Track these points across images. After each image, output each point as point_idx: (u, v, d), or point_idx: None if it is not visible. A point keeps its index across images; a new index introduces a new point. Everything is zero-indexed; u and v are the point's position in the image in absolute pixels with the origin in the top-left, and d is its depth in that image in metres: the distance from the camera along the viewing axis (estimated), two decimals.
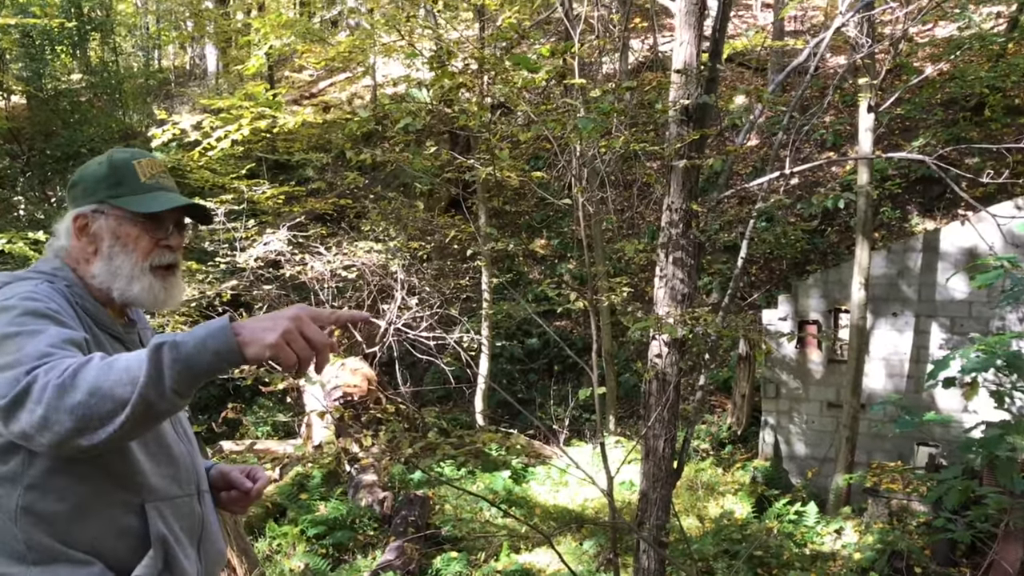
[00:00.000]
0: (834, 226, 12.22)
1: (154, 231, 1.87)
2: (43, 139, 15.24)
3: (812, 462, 9.47)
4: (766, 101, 4.42)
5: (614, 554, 4.48)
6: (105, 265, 1.83)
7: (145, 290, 1.84)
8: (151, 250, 1.86)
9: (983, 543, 6.36)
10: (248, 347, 1.45)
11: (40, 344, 1.52)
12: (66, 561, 1.65)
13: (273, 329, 1.46)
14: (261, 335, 1.45)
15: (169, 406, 1.45)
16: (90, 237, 1.85)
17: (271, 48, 10.99)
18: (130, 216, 1.84)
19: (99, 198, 1.85)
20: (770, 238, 11.91)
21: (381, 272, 10.35)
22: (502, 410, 11.93)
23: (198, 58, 24.47)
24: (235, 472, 2.09)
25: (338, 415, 8.50)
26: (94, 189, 1.86)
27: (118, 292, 1.83)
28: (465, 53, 5.09)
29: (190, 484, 1.88)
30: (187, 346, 1.43)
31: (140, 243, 1.85)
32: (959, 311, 8.77)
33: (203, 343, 1.44)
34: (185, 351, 1.43)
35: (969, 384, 3.84)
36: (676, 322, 4.34)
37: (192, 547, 1.87)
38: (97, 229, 1.84)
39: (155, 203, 1.85)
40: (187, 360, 1.43)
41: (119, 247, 1.84)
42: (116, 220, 1.84)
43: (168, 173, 1.96)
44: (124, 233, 1.84)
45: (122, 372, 1.42)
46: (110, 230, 1.84)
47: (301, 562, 6.93)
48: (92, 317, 1.80)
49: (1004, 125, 12.04)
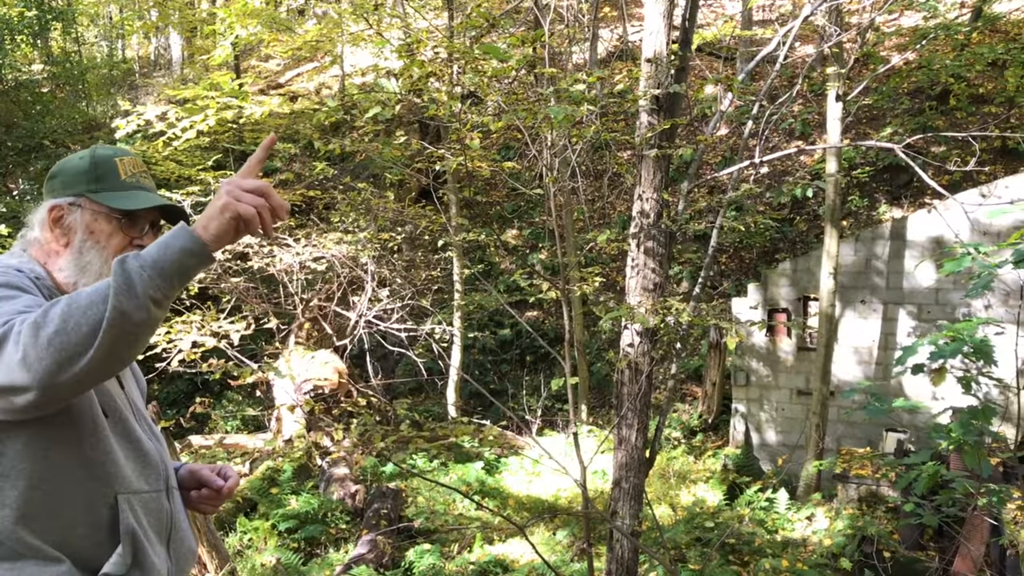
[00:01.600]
0: (803, 215, 12.30)
1: (128, 229, 1.85)
2: (4, 131, 14.94)
3: (782, 449, 9.55)
4: (736, 90, 4.42)
5: (587, 544, 4.48)
6: (75, 259, 1.81)
7: None
8: (123, 248, 1.83)
9: (950, 527, 6.45)
10: (208, 228, 1.51)
11: (16, 304, 1.55)
12: (34, 557, 1.62)
13: (218, 200, 1.52)
14: (212, 211, 1.51)
15: (146, 315, 1.46)
16: (63, 229, 1.82)
17: (237, 38, 10.84)
18: (106, 212, 1.82)
19: (77, 191, 1.83)
20: (740, 227, 11.93)
21: (351, 264, 10.27)
22: (474, 401, 11.92)
23: (163, 48, 24.14)
24: (205, 471, 2.07)
25: (308, 408, 8.44)
26: (73, 182, 1.84)
27: (84, 287, 1.79)
28: (434, 42, 5.04)
29: (159, 480, 1.86)
30: (150, 252, 1.47)
31: (113, 240, 1.82)
32: (926, 298, 8.87)
33: (165, 245, 1.48)
34: (150, 256, 1.46)
35: (937, 370, 3.87)
36: (648, 311, 4.34)
37: (161, 544, 1.85)
38: (71, 222, 1.82)
39: (133, 201, 1.83)
40: (154, 263, 1.46)
41: (91, 242, 1.81)
42: (92, 215, 1.82)
43: (149, 174, 1.95)
44: (98, 228, 1.82)
45: (91, 293, 1.45)
46: (84, 224, 1.82)
47: (273, 557, 6.88)
48: None
49: (969, 114, 12.18)
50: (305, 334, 10.37)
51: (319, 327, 10.45)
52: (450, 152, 5.30)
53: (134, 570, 1.72)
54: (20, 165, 15.15)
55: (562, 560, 6.92)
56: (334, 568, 6.63)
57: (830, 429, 8.96)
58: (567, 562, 6.88)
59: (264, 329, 9.78)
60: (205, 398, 8.88)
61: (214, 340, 7.83)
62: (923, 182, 11.23)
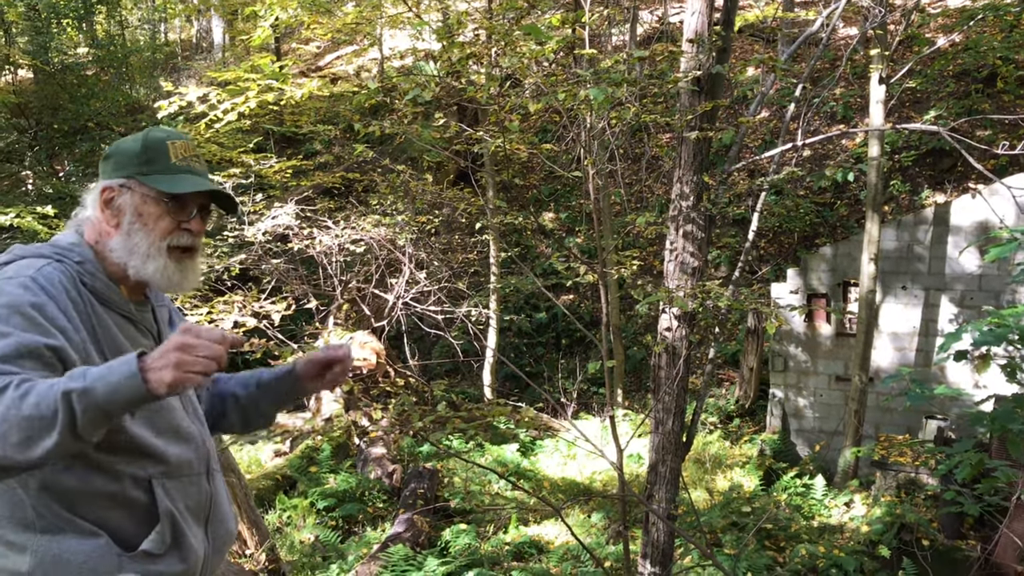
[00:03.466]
0: (844, 199, 12.15)
1: (176, 213, 1.87)
2: (50, 113, 15.17)
3: (820, 435, 9.48)
4: (779, 71, 4.37)
5: (624, 527, 4.50)
6: (123, 240, 1.83)
7: (159, 270, 1.83)
8: (171, 231, 1.86)
9: (992, 516, 6.37)
10: (163, 383, 1.46)
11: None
12: (73, 531, 1.67)
13: (165, 366, 1.47)
14: (160, 375, 1.46)
15: (85, 445, 1.49)
16: (114, 210, 1.85)
17: (277, 20, 10.90)
18: (155, 195, 1.85)
19: (128, 173, 1.86)
20: (780, 211, 11.85)
21: (389, 246, 10.32)
22: (510, 383, 11.96)
23: (204, 31, 24.35)
24: (318, 355, 2.03)
25: (347, 389, 8.53)
26: (125, 164, 1.86)
27: (133, 269, 1.83)
28: (473, 24, 5.04)
29: (200, 462, 1.89)
30: (96, 394, 1.44)
31: (160, 223, 1.85)
32: (969, 285, 8.73)
33: (113, 390, 1.45)
34: (94, 400, 1.44)
35: (981, 357, 3.82)
36: (686, 295, 4.32)
37: (199, 526, 1.89)
38: (121, 203, 1.85)
39: (181, 184, 1.85)
40: (96, 409, 1.45)
41: (139, 224, 1.84)
42: (141, 197, 1.85)
43: (201, 158, 1.95)
44: (146, 211, 1.84)
45: (32, 408, 1.43)
46: (133, 206, 1.84)
47: (311, 534, 6.98)
48: (100, 296, 1.78)
49: (1017, 96, 11.92)
50: (344, 315, 10.47)
51: (357, 308, 10.54)
52: (488, 135, 5.30)
53: (172, 550, 1.77)
54: (66, 147, 15.39)
55: (597, 543, 6.94)
56: (371, 546, 6.72)
57: (869, 416, 8.88)
58: (602, 544, 6.91)
59: (304, 310, 9.88)
60: None
61: (255, 320, 7.93)
62: (967, 167, 11.03)
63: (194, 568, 1.83)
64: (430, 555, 6.41)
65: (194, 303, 8.14)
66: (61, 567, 1.65)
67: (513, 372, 10.84)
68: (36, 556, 1.64)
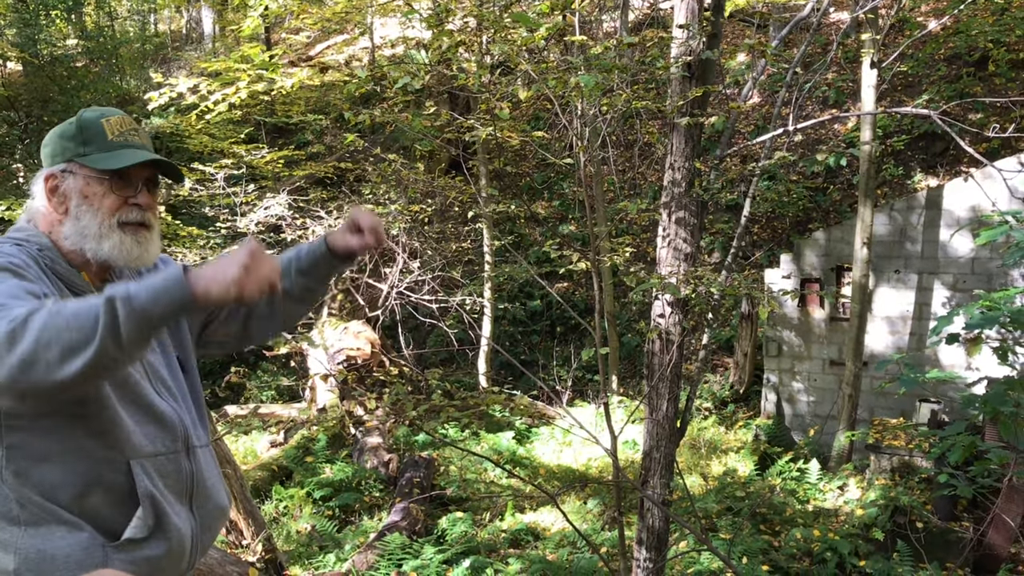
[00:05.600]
0: (836, 184, 12.15)
1: (122, 189, 1.84)
2: (40, 106, 15.09)
3: (814, 420, 9.51)
4: (769, 57, 4.36)
5: (619, 512, 4.51)
6: (73, 225, 1.81)
7: (116, 247, 1.81)
8: (118, 208, 1.83)
9: (985, 498, 6.41)
10: (209, 292, 1.48)
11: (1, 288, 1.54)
12: (56, 523, 1.66)
13: (231, 266, 1.49)
14: (221, 275, 1.48)
15: (124, 356, 1.47)
16: (59, 197, 1.83)
17: (267, 9, 10.85)
18: (97, 174, 1.82)
19: (67, 157, 1.84)
20: (773, 196, 11.85)
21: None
22: (505, 372, 11.97)
23: (194, 22, 24.19)
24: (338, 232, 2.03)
25: (342, 378, 8.53)
26: (63, 149, 1.85)
27: (91, 252, 1.81)
28: (463, 11, 5.02)
29: (176, 441, 1.86)
30: (141, 296, 1.45)
31: (106, 201, 1.82)
32: (962, 268, 8.75)
33: (158, 293, 1.46)
34: (139, 302, 1.44)
35: (972, 340, 3.83)
36: (679, 282, 4.33)
37: (182, 504, 1.86)
38: (66, 189, 1.83)
39: (119, 160, 1.82)
40: (143, 312, 1.45)
41: (86, 206, 1.81)
42: (84, 179, 1.82)
43: (140, 131, 1.92)
44: (91, 192, 1.82)
45: (72, 317, 1.43)
46: (78, 189, 1.82)
47: (308, 524, 6.99)
48: (64, 280, 1.77)
49: (1008, 79, 11.92)
50: (338, 305, 10.47)
51: (352, 298, 10.54)
52: (480, 123, 5.29)
53: (156, 532, 1.75)
54: None
55: (593, 529, 6.97)
56: (368, 535, 6.73)
57: (862, 400, 8.91)
58: (598, 531, 6.93)
59: None
60: (240, 368, 9.02)
61: None
62: (959, 150, 11.04)
63: (181, 547, 1.82)
64: (427, 543, 6.43)
65: None
66: (46, 563, 1.64)
67: (508, 360, 10.85)
68: (21, 554, 1.64)
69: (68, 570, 1.65)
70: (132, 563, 1.71)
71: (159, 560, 1.77)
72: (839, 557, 6.43)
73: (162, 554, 1.77)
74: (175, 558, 1.81)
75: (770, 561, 6.32)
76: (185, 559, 1.85)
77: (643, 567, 4.52)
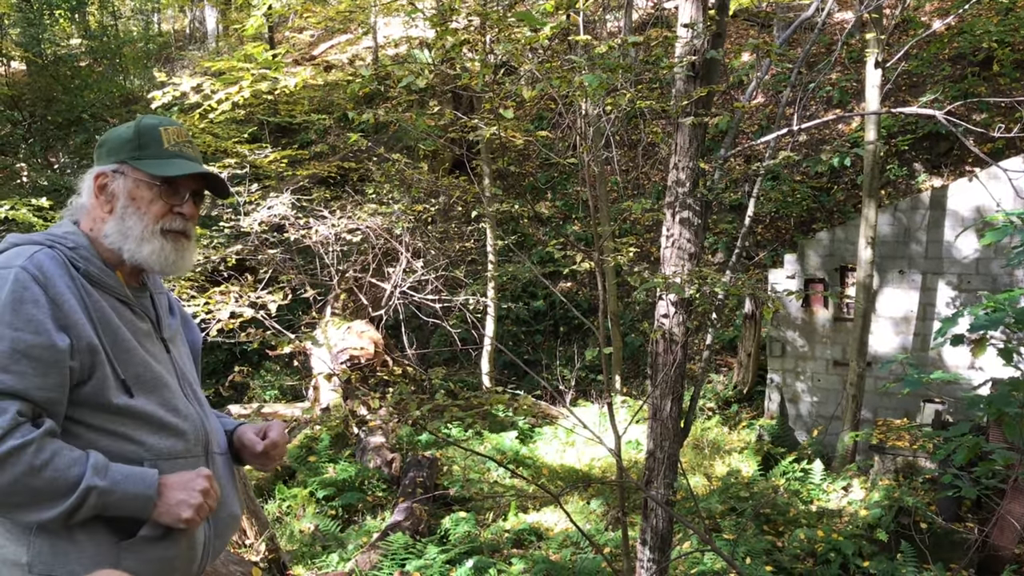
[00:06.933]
0: (840, 184, 12.14)
1: (169, 197, 1.89)
2: (44, 105, 15.12)
3: (818, 420, 9.50)
4: (773, 56, 4.35)
5: (622, 513, 4.51)
6: (117, 225, 1.84)
7: (155, 252, 1.85)
8: (163, 215, 1.87)
9: (989, 499, 6.39)
10: (160, 517, 1.72)
11: None
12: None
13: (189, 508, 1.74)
14: (177, 512, 1.73)
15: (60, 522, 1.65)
16: (107, 196, 1.87)
17: (270, 8, 10.85)
18: (147, 179, 1.86)
19: (121, 158, 1.88)
20: (777, 196, 11.84)
21: (386, 235, 10.31)
22: (508, 371, 11.97)
23: (198, 21, 24.23)
24: (248, 433, 2.08)
25: (345, 378, 8.53)
26: (118, 150, 1.89)
27: (128, 253, 1.84)
28: (467, 10, 5.01)
29: (197, 445, 1.89)
30: (109, 498, 1.65)
31: (153, 207, 1.86)
32: (966, 269, 8.73)
33: (120, 503, 1.67)
34: (106, 501, 1.65)
35: (977, 341, 3.82)
36: (683, 282, 4.32)
37: None
38: (115, 188, 1.87)
39: (172, 168, 1.87)
40: (105, 507, 1.66)
41: (132, 208, 1.85)
42: (134, 181, 1.86)
43: (193, 144, 1.97)
44: (139, 195, 1.86)
45: (48, 483, 1.61)
46: (126, 190, 1.86)
47: (311, 523, 6.99)
48: (93, 279, 1.78)
49: (1013, 80, 11.90)
50: (341, 305, 10.46)
51: (355, 298, 10.53)
52: (484, 122, 5.29)
53: (170, 533, 1.76)
54: (60, 139, 15.35)
55: (596, 529, 6.96)
56: (371, 535, 6.73)
57: (866, 400, 8.89)
58: (601, 531, 6.92)
59: (301, 300, 9.87)
60: (244, 367, 9.02)
61: (252, 310, 7.93)
62: (963, 150, 11.02)
63: (193, 550, 1.84)
64: (430, 543, 6.42)
65: (191, 293, 8.13)
66: (59, 557, 1.66)
67: (511, 360, 10.84)
68: (34, 547, 1.65)
69: (80, 565, 1.66)
70: (145, 562, 1.73)
71: (171, 561, 1.78)
72: (843, 558, 6.41)
73: (174, 555, 1.79)
74: (186, 560, 1.83)
75: (774, 562, 6.30)
76: (196, 562, 1.87)
77: (647, 567, 4.52)
